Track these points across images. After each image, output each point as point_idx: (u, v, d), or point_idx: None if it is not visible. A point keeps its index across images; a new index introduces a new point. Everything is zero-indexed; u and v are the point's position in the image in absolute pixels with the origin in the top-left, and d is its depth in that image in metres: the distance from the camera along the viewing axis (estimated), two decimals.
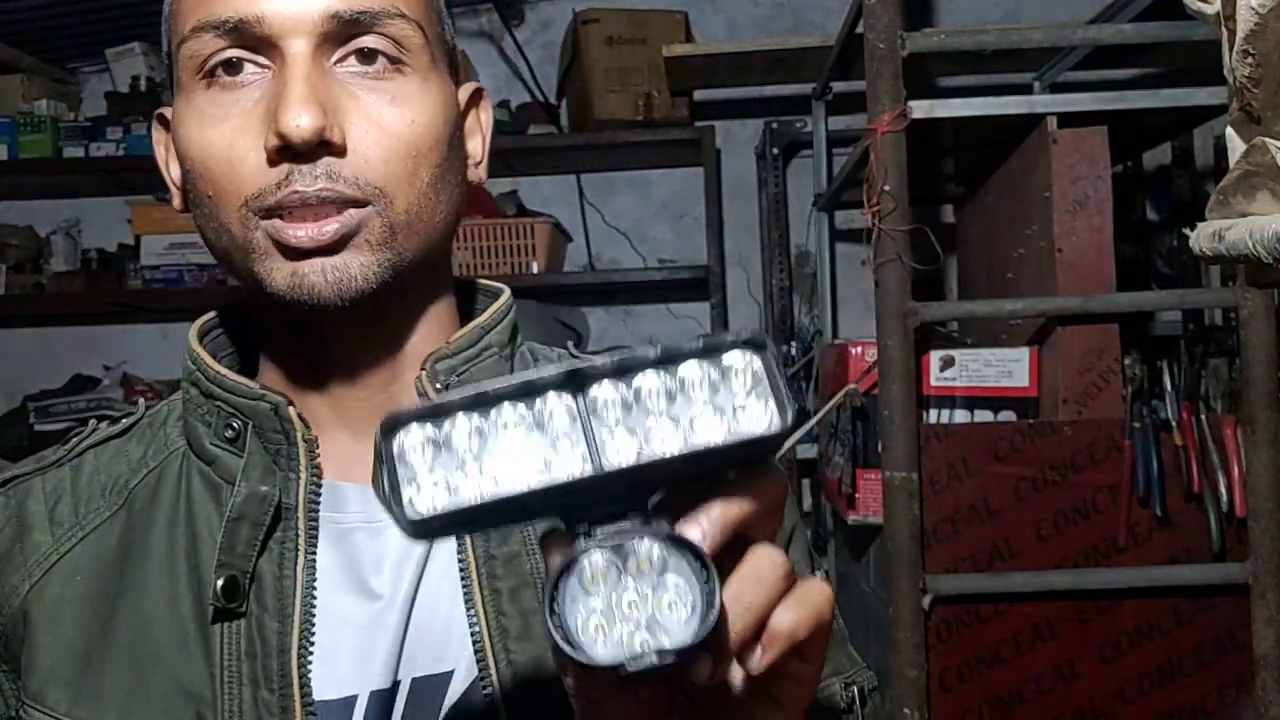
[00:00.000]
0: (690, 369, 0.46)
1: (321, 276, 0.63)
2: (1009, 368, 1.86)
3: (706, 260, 2.87)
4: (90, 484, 0.72)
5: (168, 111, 0.72)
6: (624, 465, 0.44)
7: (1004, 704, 1.76)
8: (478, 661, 0.65)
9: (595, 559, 0.45)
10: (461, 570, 0.67)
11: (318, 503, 0.67)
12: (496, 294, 0.77)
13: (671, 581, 0.45)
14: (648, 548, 0.45)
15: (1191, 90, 1.81)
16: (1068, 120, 1.85)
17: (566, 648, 0.44)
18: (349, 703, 0.65)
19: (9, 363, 3.24)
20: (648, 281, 2.99)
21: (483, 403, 0.45)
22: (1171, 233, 2.46)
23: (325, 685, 0.65)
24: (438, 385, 0.69)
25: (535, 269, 2.80)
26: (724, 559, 0.46)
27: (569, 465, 0.44)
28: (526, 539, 0.68)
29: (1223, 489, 1.72)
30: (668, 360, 0.46)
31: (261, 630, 0.65)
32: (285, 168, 0.63)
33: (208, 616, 0.66)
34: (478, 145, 0.76)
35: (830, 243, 2.83)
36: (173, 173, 0.73)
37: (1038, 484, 1.76)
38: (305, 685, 0.64)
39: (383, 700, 0.66)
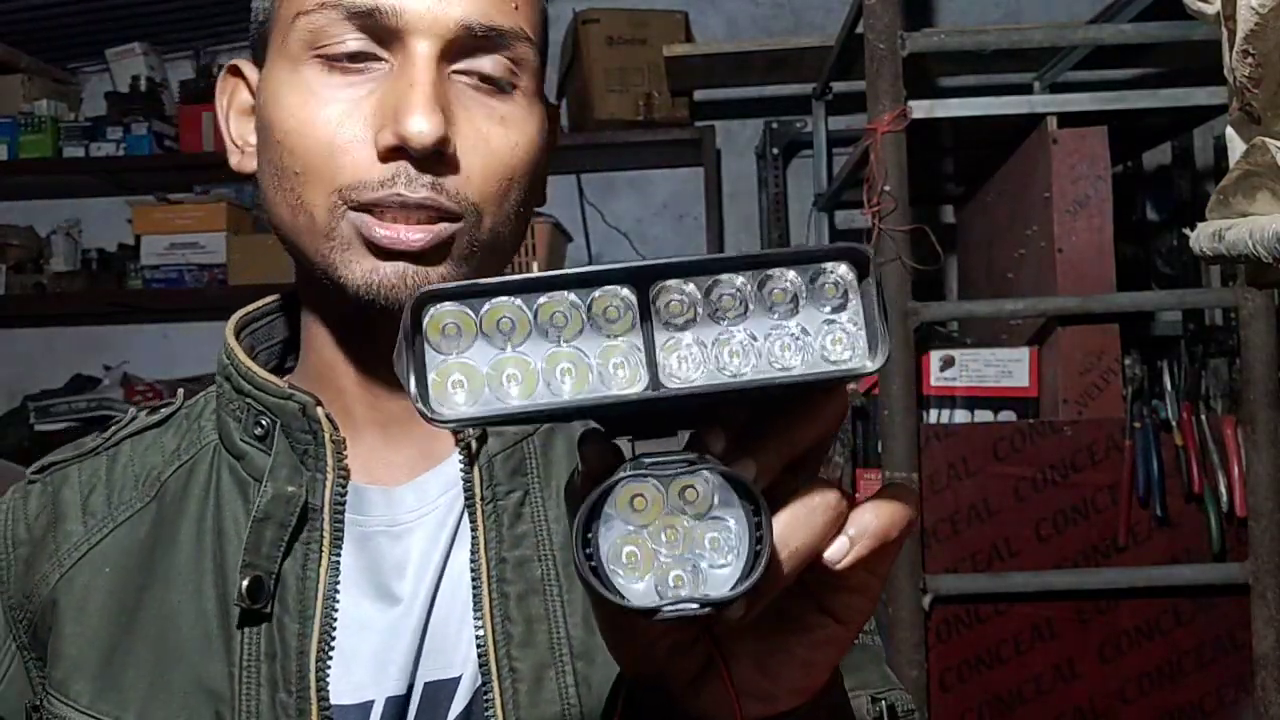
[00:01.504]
0: (781, 276, 0.40)
1: (401, 280, 0.63)
2: (1009, 368, 1.86)
3: None
4: (124, 474, 0.72)
5: (245, 67, 0.70)
6: (685, 387, 0.39)
7: (1004, 704, 1.76)
8: (481, 670, 0.65)
9: (637, 486, 0.39)
10: (473, 574, 0.66)
11: (343, 505, 0.67)
12: None
13: (719, 519, 0.40)
14: (697, 480, 0.40)
15: (1191, 90, 1.81)
16: (1068, 120, 1.85)
17: (595, 583, 0.39)
18: (365, 708, 0.65)
19: (9, 363, 3.24)
20: None
21: (530, 287, 0.39)
22: (1171, 233, 2.46)
23: (342, 690, 0.65)
24: None
25: (535, 269, 2.80)
26: (774, 488, 0.42)
27: (619, 377, 0.39)
28: (540, 543, 0.67)
29: (1223, 489, 1.72)
30: (755, 264, 0.40)
31: (282, 632, 0.65)
32: (394, 167, 0.62)
33: (230, 615, 0.66)
34: (545, 164, 0.75)
35: (830, 243, 2.83)
36: (233, 128, 0.71)
37: (1038, 484, 1.76)
38: (323, 689, 0.64)
39: (398, 706, 0.65)
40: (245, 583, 0.64)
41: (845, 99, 2.69)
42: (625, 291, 0.39)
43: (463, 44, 0.64)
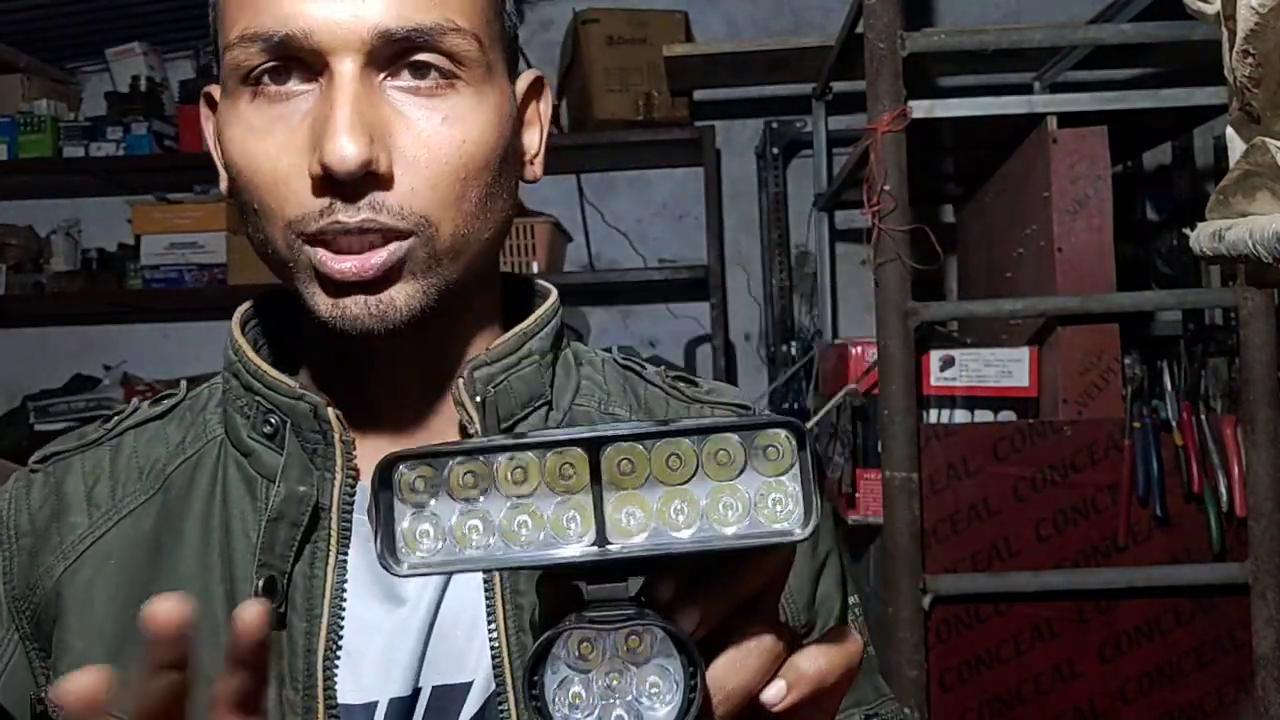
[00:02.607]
0: (722, 441, 0.43)
1: (365, 310, 0.62)
2: (1009, 368, 1.86)
3: (706, 260, 2.87)
4: (128, 466, 0.72)
5: (216, 91, 0.70)
6: (628, 551, 0.43)
7: (1004, 704, 1.76)
8: (495, 678, 0.65)
9: (582, 636, 0.44)
10: (486, 585, 0.66)
11: (351, 505, 0.67)
12: (546, 295, 0.75)
13: (658, 665, 0.44)
14: (638, 632, 0.44)
15: (1191, 90, 1.81)
16: (1068, 120, 1.85)
17: None
18: (369, 709, 0.65)
19: (9, 363, 3.24)
20: (648, 281, 2.99)
21: (490, 450, 0.43)
22: (1171, 233, 2.46)
23: (348, 689, 0.65)
24: (474, 394, 0.67)
25: (535, 269, 2.80)
26: (721, 631, 0.45)
27: (571, 533, 0.43)
28: None
29: (1223, 489, 1.72)
30: (701, 431, 0.44)
31: (290, 630, 0.65)
32: (328, 197, 0.61)
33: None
34: (535, 138, 0.74)
35: (830, 243, 2.83)
36: (217, 155, 0.71)
37: (1038, 484, 1.76)
38: (330, 688, 0.64)
39: (402, 708, 0.65)
40: (260, 582, 0.64)
41: (845, 99, 2.69)
42: (577, 452, 0.43)
43: (385, 52, 0.62)
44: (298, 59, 0.62)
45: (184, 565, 0.68)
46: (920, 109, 1.73)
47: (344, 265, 0.61)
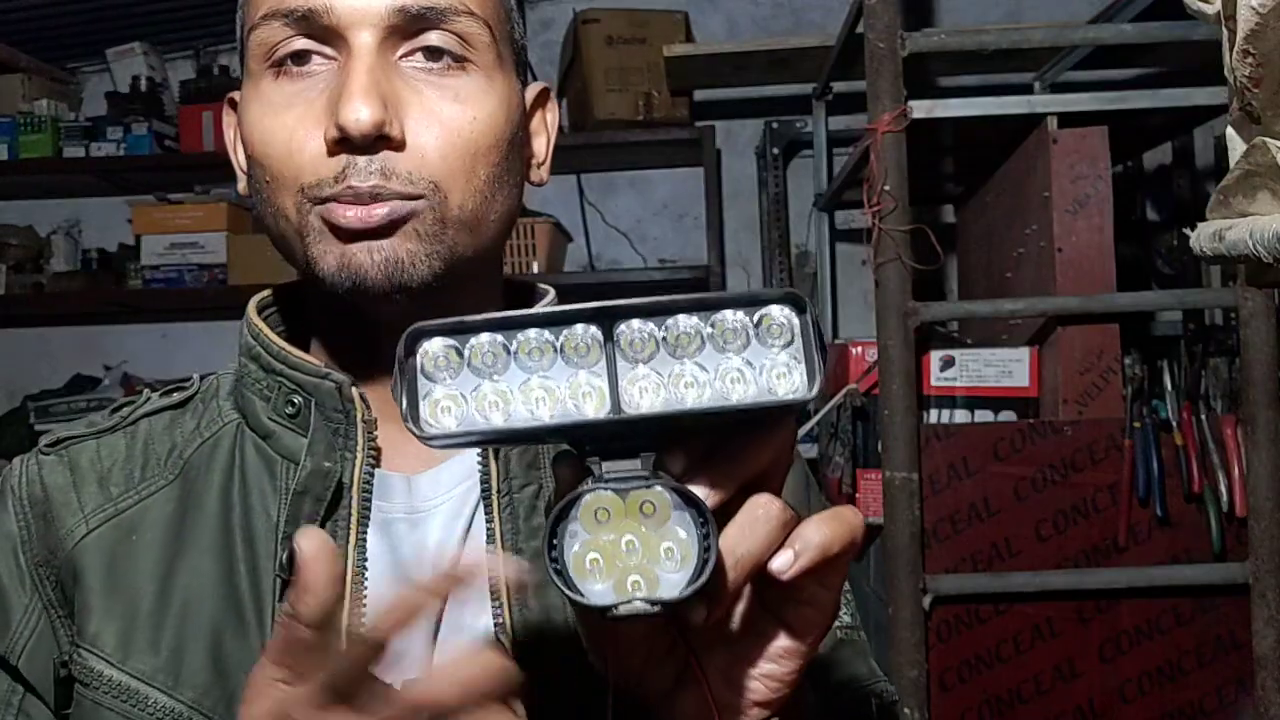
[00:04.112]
0: (728, 317, 0.45)
1: (369, 257, 0.64)
2: (1009, 368, 1.86)
3: (706, 260, 2.87)
4: (146, 451, 0.73)
5: (239, 95, 0.73)
6: (643, 412, 0.44)
7: (1004, 704, 1.76)
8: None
9: (598, 498, 0.45)
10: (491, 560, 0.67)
11: (370, 486, 0.68)
12: (545, 294, 0.78)
13: (672, 529, 0.45)
14: (652, 494, 0.45)
15: (1191, 90, 1.81)
16: (1068, 120, 1.85)
17: (559, 583, 0.44)
18: None
19: (9, 363, 3.24)
20: (648, 282, 2.99)
21: (509, 325, 0.45)
22: (1171, 233, 2.46)
23: None
24: None
25: (535, 269, 2.80)
26: (727, 506, 0.46)
27: (587, 404, 0.44)
28: None
29: (1223, 489, 1.72)
30: (707, 306, 0.45)
31: None
32: (343, 159, 0.64)
33: (261, 587, 0.67)
34: (542, 146, 0.77)
35: (830, 243, 2.83)
36: (239, 157, 0.73)
37: (1038, 484, 1.76)
38: None
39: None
40: (285, 554, 0.65)
41: (845, 99, 2.69)
42: (593, 329, 0.45)
43: (401, 27, 0.65)
44: (318, 37, 0.65)
45: (205, 542, 0.69)
46: (920, 109, 1.73)
47: (349, 213, 0.64)
